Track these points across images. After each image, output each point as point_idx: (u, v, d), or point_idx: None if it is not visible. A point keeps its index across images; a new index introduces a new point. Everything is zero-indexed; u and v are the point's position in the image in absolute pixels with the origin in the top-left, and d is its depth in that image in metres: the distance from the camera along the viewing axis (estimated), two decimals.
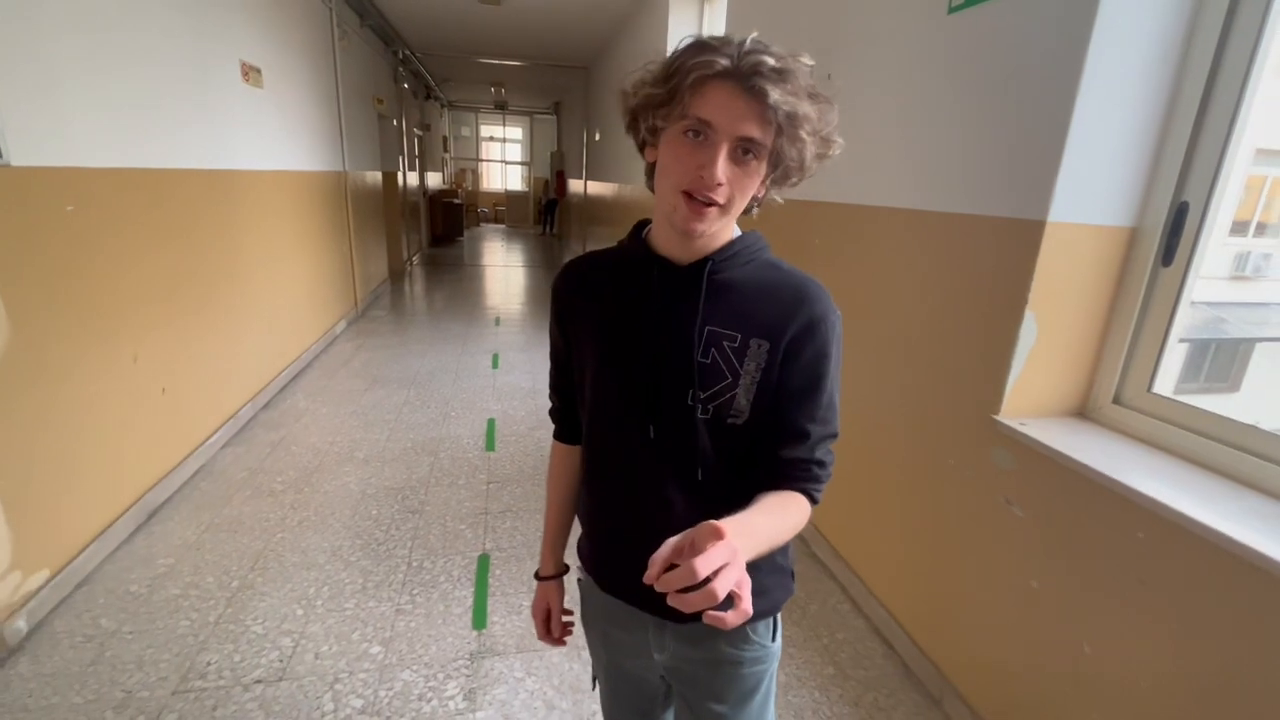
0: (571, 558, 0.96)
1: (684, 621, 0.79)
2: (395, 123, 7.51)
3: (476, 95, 12.48)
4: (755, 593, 0.73)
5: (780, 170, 0.68)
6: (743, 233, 0.77)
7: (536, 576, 0.99)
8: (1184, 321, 1.29)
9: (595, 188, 8.45)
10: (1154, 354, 1.30)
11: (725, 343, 0.72)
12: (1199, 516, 1.01)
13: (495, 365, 4.36)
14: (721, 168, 0.64)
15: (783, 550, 0.82)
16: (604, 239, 7.63)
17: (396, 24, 6.42)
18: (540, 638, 0.99)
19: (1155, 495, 1.08)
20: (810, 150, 0.67)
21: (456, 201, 11.79)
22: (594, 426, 0.83)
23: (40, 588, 1.79)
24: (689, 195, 0.66)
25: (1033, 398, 1.41)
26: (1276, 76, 1.17)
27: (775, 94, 0.61)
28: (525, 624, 1.88)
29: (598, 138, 8.07)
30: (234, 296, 3.09)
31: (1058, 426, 1.37)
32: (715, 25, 4.19)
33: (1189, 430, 1.21)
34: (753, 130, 0.63)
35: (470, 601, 1.97)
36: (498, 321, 5.70)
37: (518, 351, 4.73)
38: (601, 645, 0.93)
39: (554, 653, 1.76)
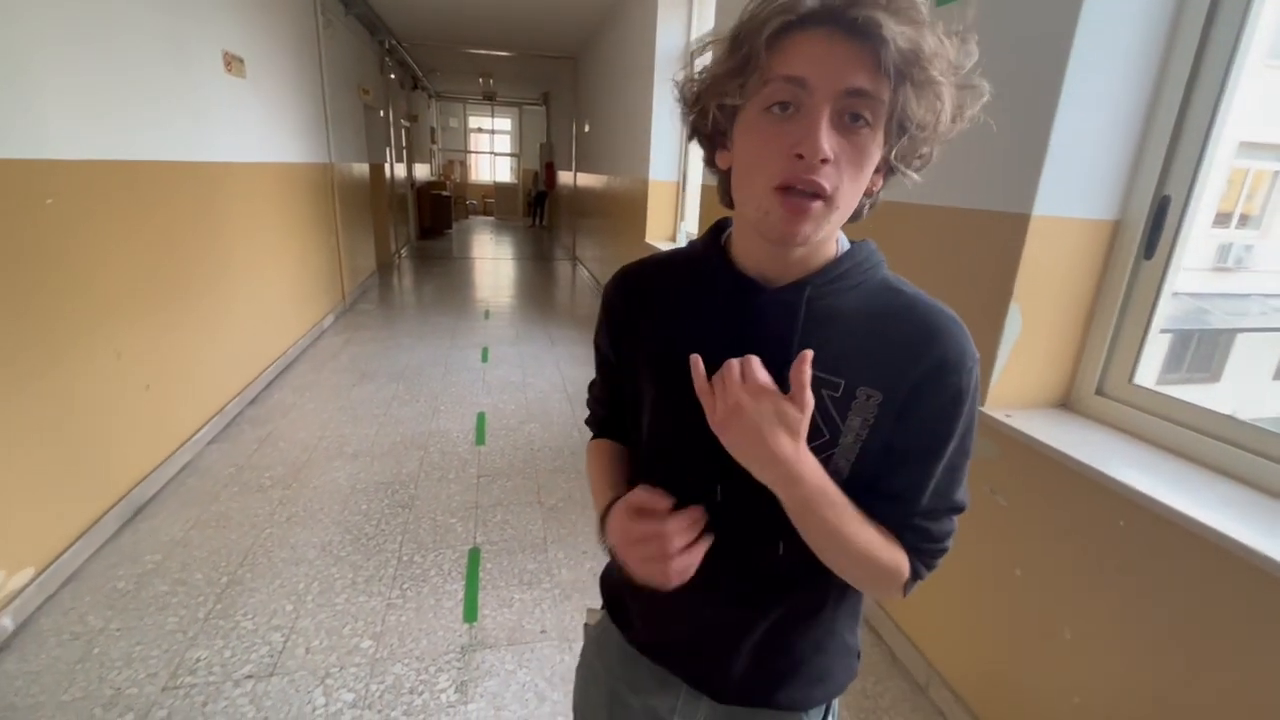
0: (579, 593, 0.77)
1: (726, 702, 0.67)
2: (382, 114, 7.42)
3: (464, 86, 12.35)
4: (816, 679, 0.67)
5: (906, 139, 0.50)
6: (852, 244, 0.61)
7: (603, 523, 0.64)
8: (1166, 313, 1.31)
9: (585, 179, 8.41)
10: (1136, 346, 1.32)
11: (825, 391, 0.56)
12: (1177, 505, 1.03)
13: (485, 359, 4.35)
14: (825, 137, 0.47)
15: (852, 627, 0.70)
16: (594, 231, 7.61)
17: (382, 13, 6.33)
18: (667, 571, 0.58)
19: (1136, 485, 1.10)
20: (948, 101, 0.49)
21: (445, 193, 11.70)
22: (649, 467, 0.68)
23: (26, 585, 1.77)
24: (785, 189, 0.49)
25: (1017, 389, 1.43)
26: (1259, 70, 1.18)
27: (891, 24, 0.44)
28: (516, 617, 1.89)
29: (587, 129, 8.03)
30: (219, 290, 3.06)
31: (1041, 417, 1.39)
32: (704, 16, 4.16)
33: (1169, 421, 1.24)
34: (862, 80, 0.46)
35: (461, 595, 1.97)
36: (487, 314, 5.67)
37: (507, 345, 4.71)
38: (605, 709, 0.77)
39: (545, 644, 1.78)
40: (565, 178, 10.49)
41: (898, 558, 0.59)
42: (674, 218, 4.73)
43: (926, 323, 0.56)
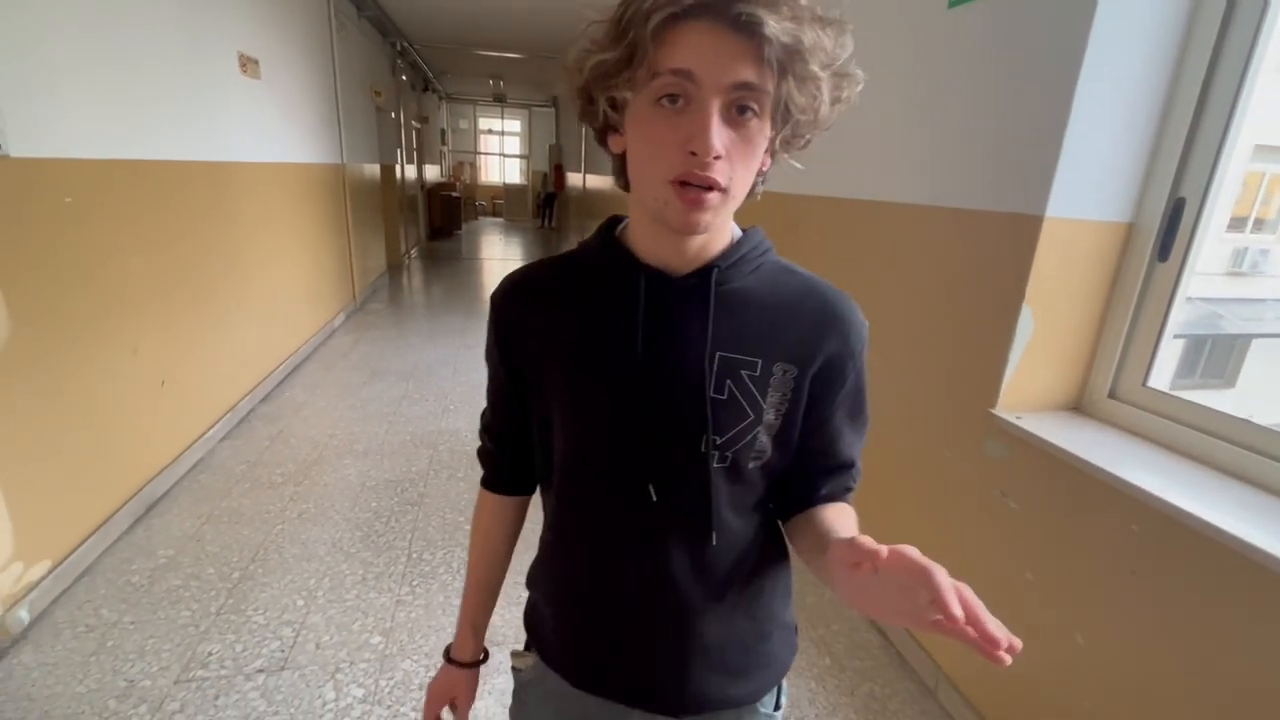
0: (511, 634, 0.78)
1: (683, 715, 0.66)
2: (393, 115, 7.48)
3: (474, 88, 12.42)
4: (765, 665, 0.68)
5: (790, 126, 0.52)
6: (744, 230, 0.63)
7: (448, 657, 0.77)
8: (1179, 317, 1.30)
9: (594, 181, 8.44)
10: (1149, 349, 1.31)
11: (744, 371, 0.58)
12: (1192, 509, 1.02)
13: None
14: (717, 133, 0.48)
15: (786, 605, 0.72)
16: None
17: (394, 15, 6.38)
18: None
19: (1149, 488, 1.09)
20: (826, 91, 0.51)
21: (455, 195, 11.75)
22: (567, 486, 0.65)
23: (42, 578, 1.80)
24: (680, 183, 0.50)
25: (1029, 391, 1.43)
26: (1275, 72, 1.18)
27: (772, 22, 0.46)
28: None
29: None
30: (233, 289, 3.09)
31: (1053, 420, 1.38)
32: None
33: (1183, 424, 1.23)
34: (748, 74, 0.48)
35: None
36: None
37: None
38: None
39: None
40: (574, 179, 10.53)
41: (855, 522, 0.63)
42: None
43: (830, 301, 0.61)
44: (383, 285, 6.63)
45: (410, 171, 8.84)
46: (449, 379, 3.91)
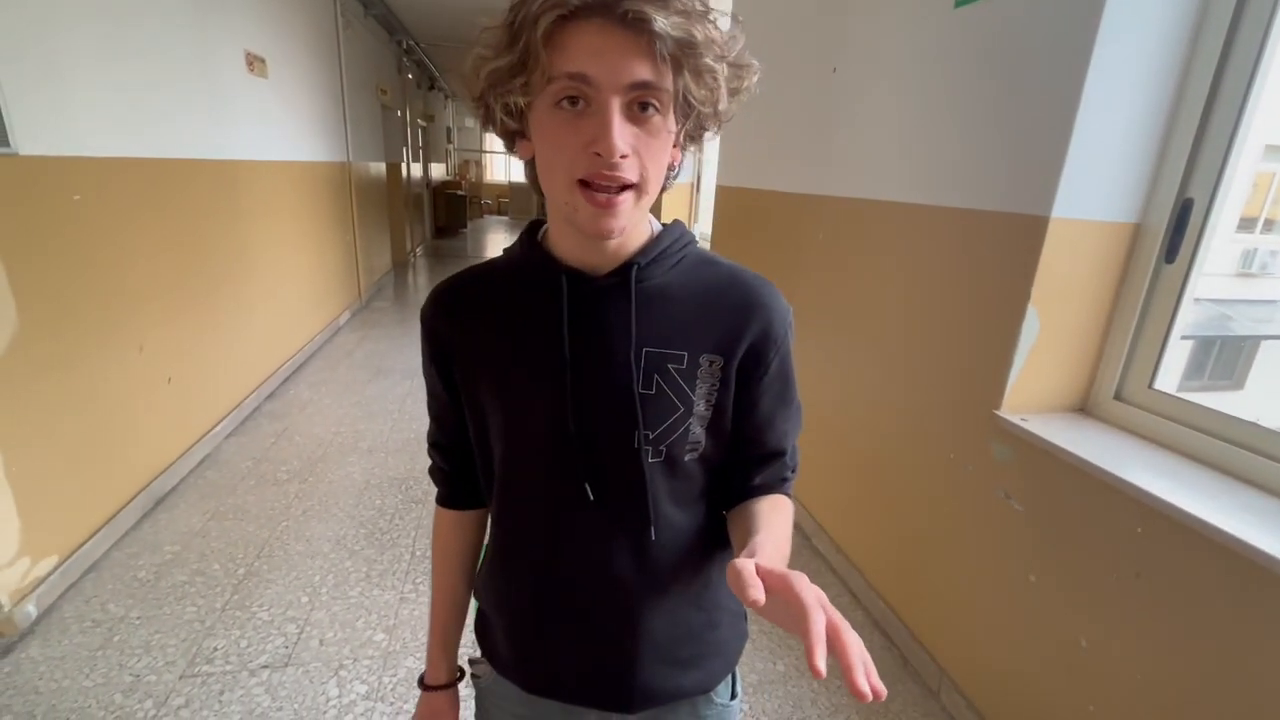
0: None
1: (637, 709, 0.67)
2: (399, 114, 7.49)
3: None
4: (715, 654, 0.69)
5: (693, 119, 0.53)
6: (663, 225, 0.63)
7: (422, 685, 0.78)
8: (1187, 319, 1.30)
9: None
10: (1156, 351, 1.31)
11: (670, 365, 0.58)
12: (1197, 512, 1.02)
13: None
14: (619, 133, 0.48)
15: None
16: None
17: (400, 14, 6.39)
18: None
19: (1155, 491, 1.09)
20: (723, 82, 0.51)
21: (460, 193, 11.78)
22: (507, 493, 0.65)
23: (49, 573, 1.81)
24: (587, 185, 0.50)
25: (1034, 393, 1.42)
26: None
27: (660, 19, 0.46)
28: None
29: None
30: (239, 286, 3.11)
31: (1059, 422, 1.37)
32: (719, 21, 4.15)
33: (1189, 427, 1.22)
34: (644, 72, 0.47)
35: None
36: None
37: None
38: None
39: None
40: None
41: (790, 511, 0.64)
42: (689, 219, 4.73)
43: (751, 290, 0.61)
44: (388, 283, 6.65)
45: (416, 170, 8.86)
46: None
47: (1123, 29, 1.19)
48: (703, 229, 4.55)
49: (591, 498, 0.60)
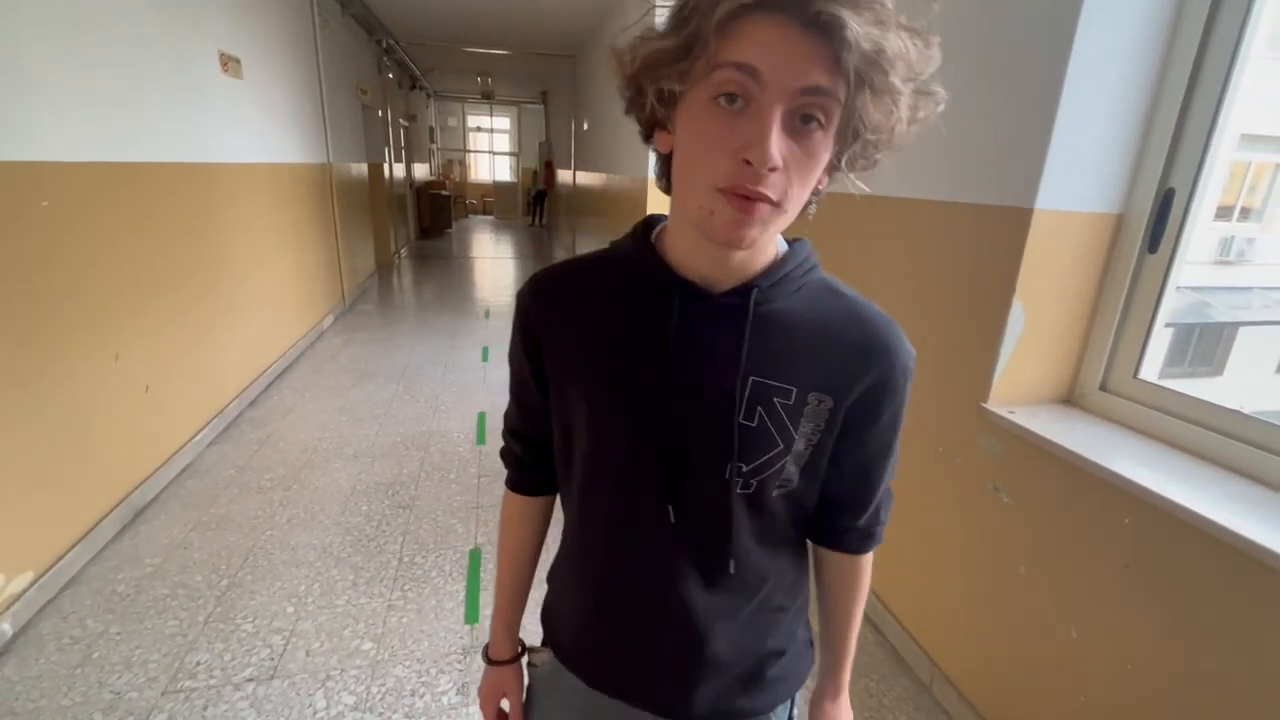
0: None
1: None
2: (380, 113, 7.41)
3: (463, 85, 12.33)
4: (779, 680, 0.68)
5: (859, 143, 0.47)
6: (790, 244, 0.58)
7: (488, 659, 0.78)
8: (1169, 307, 1.30)
9: (584, 178, 8.40)
10: (1139, 341, 1.31)
11: (776, 399, 0.54)
12: (1184, 501, 1.02)
13: (485, 358, 4.34)
14: (776, 144, 0.43)
15: (804, 621, 0.72)
16: (594, 230, 7.59)
17: (379, 12, 6.31)
18: None
19: (1141, 481, 1.09)
20: (904, 108, 0.46)
21: (444, 193, 11.67)
22: (585, 495, 0.63)
23: (25, 590, 1.76)
24: (731, 193, 0.45)
25: (1020, 385, 1.42)
26: (1262, 60, 1.17)
27: (854, 24, 0.40)
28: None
29: (586, 127, 8.01)
30: (218, 292, 3.05)
31: (1045, 414, 1.38)
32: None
33: (1174, 416, 1.22)
34: (820, 77, 0.42)
35: (462, 596, 1.96)
36: (487, 314, 5.66)
37: (508, 344, 4.70)
38: None
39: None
40: (565, 176, 10.48)
41: (867, 574, 0.69)
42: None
43: (877, 331, 0.57)
44: (372, 285, 6.58)
45: (399, 170, 8.77)
46: (440, 379, 3.88)
47: (1103, 20, 1.19)
48: None
49: (673, 520, 0.57)
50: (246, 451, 2.83)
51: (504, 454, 0.74)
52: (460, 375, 3.97)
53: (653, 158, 0.59)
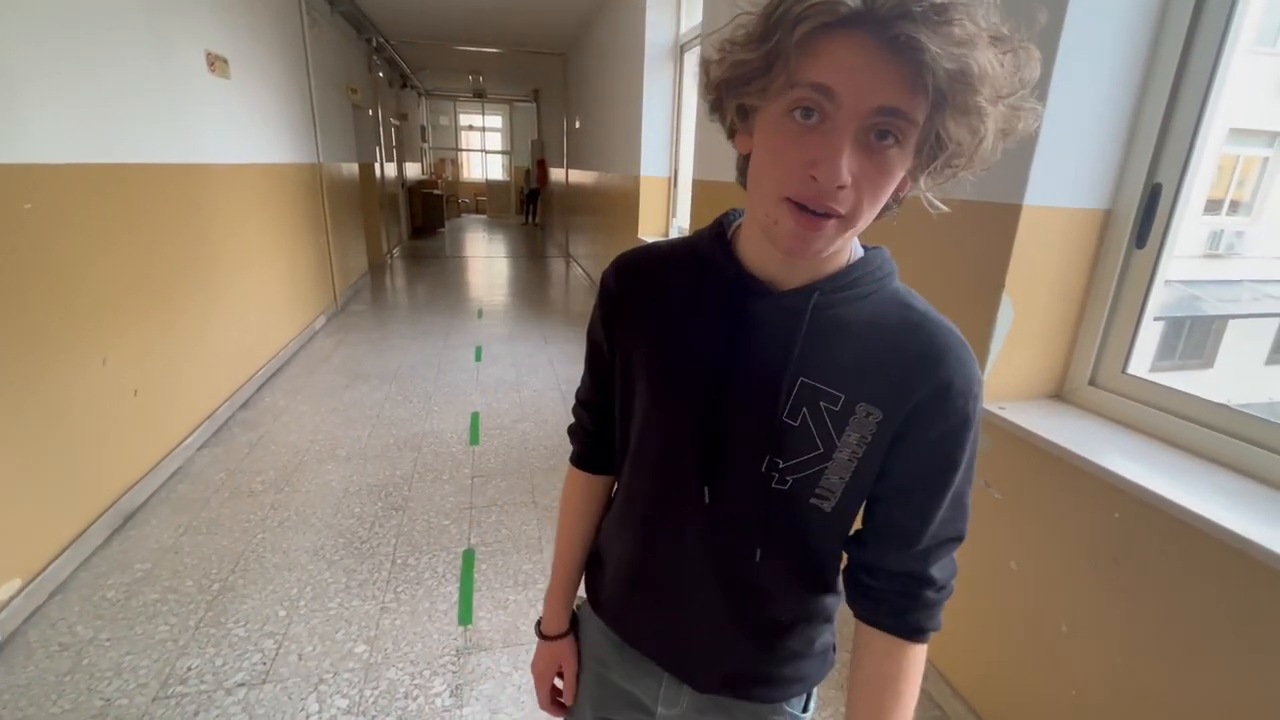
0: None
1: (709, 692, 0.68)
2: (371, 113, 7.37)
3: (454, 83, 12.27)
4: (795, 679, 0.68)
5: (942, 160, 0.46)
6: (866, 250, 0.58)
7: (541, 634, 0.79)
8: (1158, 301, 1.31)
9: (577, 176, 8.38)
10: (1128, 336, 1.32)
11: (823, 403, 0.54)
12: (1172, 496, 1.03)
13: (478, 358, 4.33)
14: (846, 164, 0.44)
15: (830, 629, 0.70)
16: (587, 228, 7.58)
17: (369, 10, 6.27)
18: (544, 706, 0.81)
19: (1130, 476, 1.09)
20: (990, 126, 0.44)
21: (436, 192, 11.63)
22: (634, 469, 0.66)
23: (12, 598, 1.75)
24: (796, 205, 0.46)
25: (1010, 381, 1.42)
26: (1247, 56, 1.17)
27: (935, 45, 0.40)
28: (511, 619, 1.87)
29: (578, 125, 7.99)
30: (207, 293, 3.02)
31: (1035, 409, 1.38)
32: (692, 10, 4.13)
33: (1162, 410, 1.23)
34: (896, 98, 0.42)
35: (456, 598, 1.95)
36: (480, 314, 5.64)
37: (501, 344, 4.69)
38: (589, 692, 0.77)
39: None
40: (557, 174, 10.45)
41: (917, 668, 0.59)
42: (666, 213, 4.71)
43: (935, 343, 0.54)
44: (364, 286, 6.55)
45: (390, 169, 8.72)
46: (432, 380, 3.87)
47: (1090, 15, 1.19)
48: (680, 223, 4.54)
49: (708, 500, 0.59)
50: (237, 454, 2.81)
51: (572, 430, 0.77)
52: (453, 376, 3.96)
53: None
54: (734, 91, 0.49)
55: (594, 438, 0.74)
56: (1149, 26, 1.21)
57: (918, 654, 0.59)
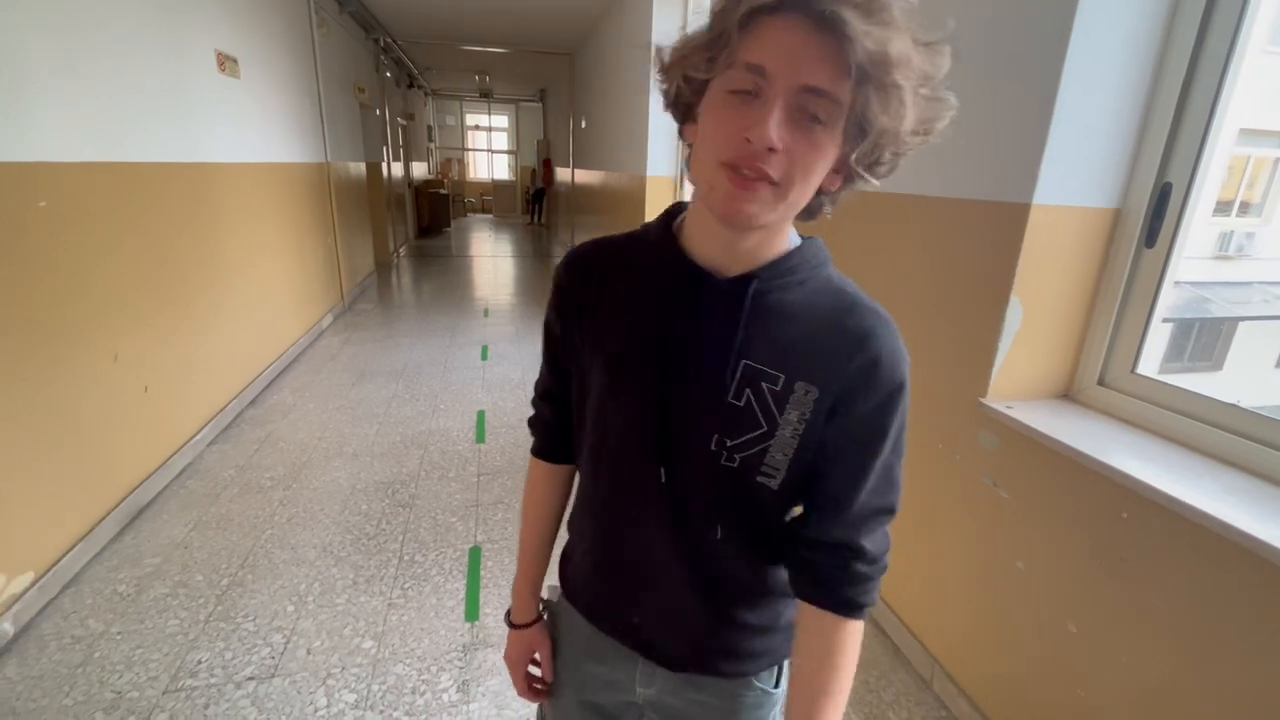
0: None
1: (680, 670, 0.70)
2: (378, 112, 7.40)
3: (460, 83, 12.31)
4: (762, 653, 0.70)
5: (868, 144, 0.49)
6: (802, 240, 0.61)
7: (510, 623, 0.81)
8: (1167, 302, 1.30)
9: (582, 176, 8.38)
10: (1138, 335, 1.31)
11: (764, 384, 0.57)
12: (1181, 495, 1.02)
13: (484, 357, 4.34)
14: (775, 127, 0.47)
15: (795, 602, 0.70)
16: (593, 228, 7.58)
17: (377, 11, 6.30)
18: (522, 693, 0.82)
19: (1139, 475, 1.09)
20: (911, 111, 0.48)
21: (443, 192, 11.67)
22: (596, 456, 0.68)
23: (25, 590, 1.77)
24: (732, 168, 0.50)
25: (1019, 381, 1.42)
26: (1259, 56, 1.17)
27: (858, 25, 0.44)
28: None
29: (584, 125, 8.00)
30: (217, 291, 3.05)
31: (1043, 409, 1.38)
32: (699, 9, 4.14)
33: (1171, 410, 1.23)
34: (820, 77, 0.46)
35: (463, 594, 1.96)
36: (486, 313, 5.66)
37: (507, 343, 4.70)
38: (569, 678, 0.79)
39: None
40: (563, 174, 10.47)
41: (853, 641, 0.61)
42: None
43: (864, 323, 0.58)
44: (371, 285, 6.58)
45: (397, 169, 8.75)
46: (439, 378, 3.88)
47: (1100, 14, 1.19)
48: None
49: (664, 480, 0.62)
50: (246, 451, 2.83)
51: (532, 421, 0.79)
52: (459, 374, 3.97)
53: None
54: (684, 64, 0.53)
55: (553, 428, 0.76)
56: (1160, 24, 1.20)
57: (853, 630, 0.61)
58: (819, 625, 0.61)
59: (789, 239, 0.60)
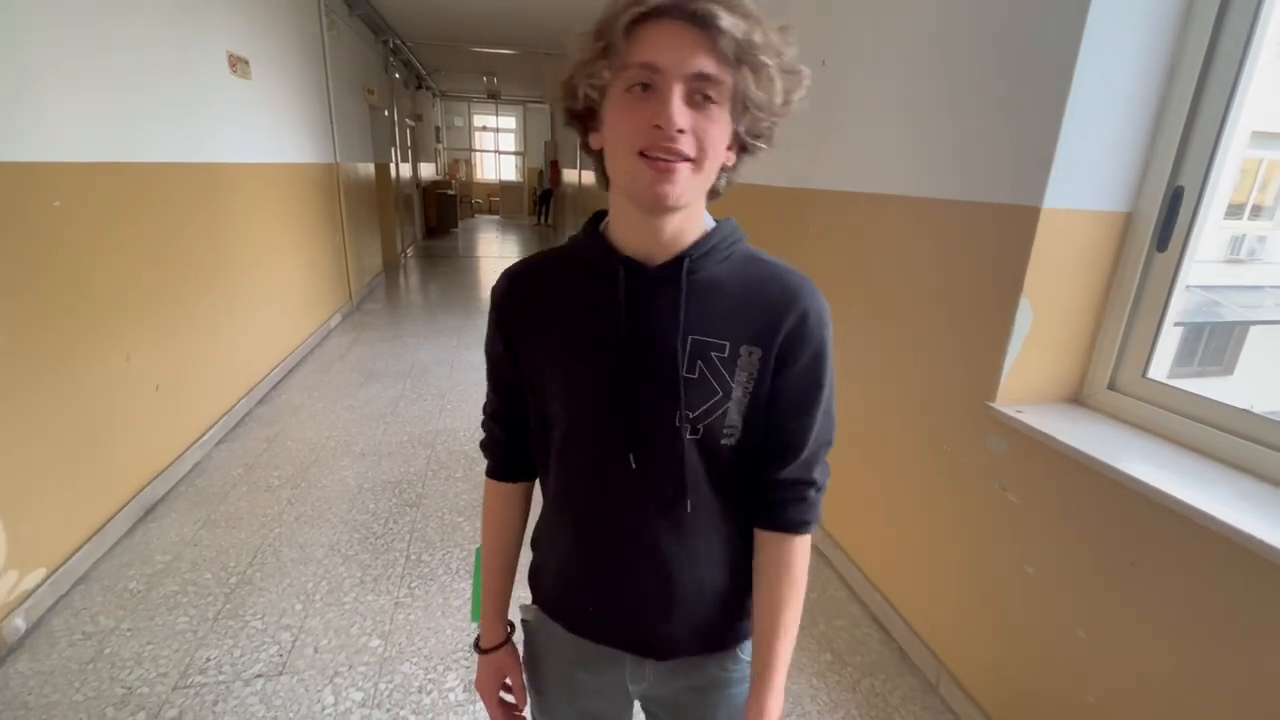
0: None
1: (667, 658, 0.73)
2: (386, 113, 7.43)
3: (468, 85, 12.35)
4: (743, 617, 0.73)
5: (749, 117, 0.58)
6: (717, 221, 0.68)
7: (480, 649, 0.82)
8: (1179, 306, 1.29)
9: (590, 177, 8.40)
10: (1149, 340, 1.30)
11: (713, 353, 0.63)
12: (1191, 501, 1.02)
13: None
14: (679, 110, 0.54)
15: None
16: None
17: (386, 13, 6.33)
18: (496, 719, 0.81)
19: (1149, 480, 1.08)
20: (779, 85, 0.57)
21: (450, 192, 11.71)
22: (563, 459, 0.71)
23: (37, 586, 1.78)
24: (648, 156, 0.55)
25: (1028, 384, 1.41)
26: (1273, 58, 1.16)
27: (726, 19, 0.52)
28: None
29: None
30: (227, 291, 3.07)
31: (1053, 413, 1.37)
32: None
33: (1182, 415, 1.22)
34: (706, 64, 0.54)
35: (469, 593, 1.97)
36: None
37: None
38: (560, 688, 0.80)
39: None
40: (570, 175, 10.49)
41: (802, 558, 0.69)
42: None
43: (789, 284, 0.65)
44: (379, 285, 6.61)
45: (405, 170, 8.80)
46: (446, 378, 3.90)
47: (1112, 17, 1.18)
48: None
49: (634, 466, 0.65)
50: (255, 450, 2.85)
51: (484, 444, 0.81)
52: (467, 374, 3.99)
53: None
54: (584, 74, 0.58)
55: (506, 448, 0.78)
56: (1173, 26, 1.20)
57: (803, 543, 0.69)
58: (777, 548, 0.69)
59: (705, 221, 0.66)
